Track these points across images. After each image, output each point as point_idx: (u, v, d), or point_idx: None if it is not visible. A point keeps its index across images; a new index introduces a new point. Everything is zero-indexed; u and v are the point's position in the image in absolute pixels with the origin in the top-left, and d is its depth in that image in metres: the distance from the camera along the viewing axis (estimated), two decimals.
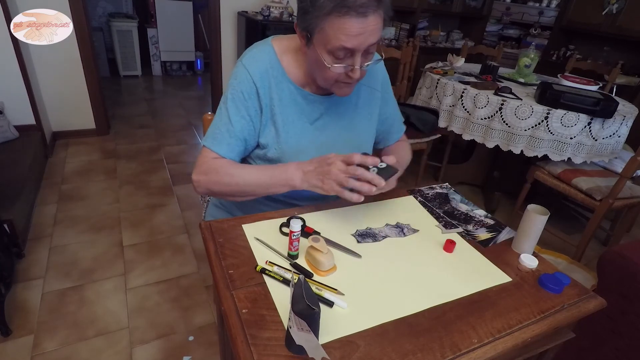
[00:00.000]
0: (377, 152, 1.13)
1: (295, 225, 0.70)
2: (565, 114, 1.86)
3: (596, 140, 1.92)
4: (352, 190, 0.77)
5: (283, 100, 0.89)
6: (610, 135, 1.96)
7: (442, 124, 2.25)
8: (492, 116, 2.02)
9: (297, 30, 0.82)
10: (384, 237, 0.83)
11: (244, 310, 0.61)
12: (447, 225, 0.90)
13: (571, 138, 1.90)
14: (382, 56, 0.86)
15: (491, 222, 0.93)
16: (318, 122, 0.93)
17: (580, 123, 1.87)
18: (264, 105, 0.88)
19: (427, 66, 2.59)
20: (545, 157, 1.99)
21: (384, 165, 0.80)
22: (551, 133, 1.91)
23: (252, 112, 0.88)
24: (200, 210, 1.25)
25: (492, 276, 0.75)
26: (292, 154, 0.90)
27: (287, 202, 0.96)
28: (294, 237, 0.71)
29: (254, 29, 2.97)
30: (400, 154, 1.06)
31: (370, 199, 0.97)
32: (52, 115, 2.81)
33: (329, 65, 0.77)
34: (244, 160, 0.96)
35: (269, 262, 0.72)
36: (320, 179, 0.79)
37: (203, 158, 0.88)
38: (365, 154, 0.78)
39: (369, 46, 0.76)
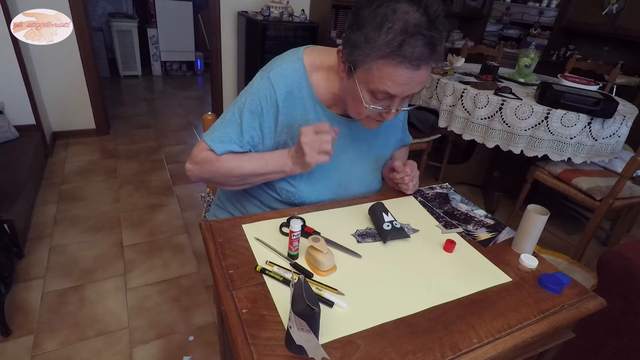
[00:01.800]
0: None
1: (295, 225, 0.70)
2: (565, 114, 1.86)
3: (596, 140, 1.92)
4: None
5: (309, 120, 0.87)
6: (610, 135, 1.96)
7: (442, 124, 2.25)
8: (492, 116, 2.02)
9: (339, 56, 0.79)
10: None
11: (244, 310, 0.61)
12: (447, 225, 0.90)
13: (571, 138, 1.90)
14: (415, 104, 0.88)
15: (491, 222, 0.93)
16: (339, 143, 0.91)
17: (580, 123, 1.87)
18: (281, 124, 0.85)
19: None
20: (545, 157, 1.99)
21: (398, 225, 0.82)
22: (551, 133, 1.91)
23: (265, 128, 0.86)
24: (200, 210, 1.25)
25: (492, 276, 0.75)
26: (312, 174, 0.89)
27: (287, 203, 0.97)
28: (294, 237, 0.71)
29: (254, 29, 2.97)
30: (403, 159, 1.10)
31: (370, 199, 0.97)
32: (52, 115, 2.82)
33: (366, 106, 0.76)
34: None
35: (269, 262, 0.72)
36: (301, 155, 0.79)
37: (198, 148, 0.87)
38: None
39: (410, 94, 0.76)
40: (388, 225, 0.81)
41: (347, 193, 0.97)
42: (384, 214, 0.83)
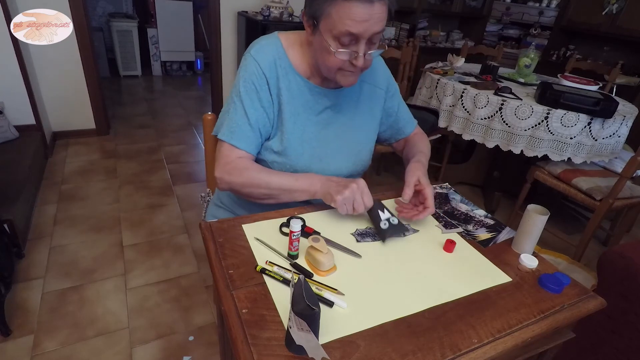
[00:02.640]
0: (397, 144, 1.15)
1: (295, 225, 0.70)
2: (565, 114, 1.86)
3: (596, 140, 1.92)
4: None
5: (291, 92, 0.90)
6: (610, 135, 1.96)
7: (442, 124, 2.25)
8: (492, 116, 2.02)
9: (304, 18, 0.84)
10: None
11: (244, 310, 0.61)
12: (447, 225, 0.90)
13: (571, 138, 1.90)
14: (386, 47, 0.88)
15: (491, 222, 0.93)
16: (322, 115, 0.94)
17: (580, 123, 1.87)
18: (273, 95, 0.89)
19: (427, 66, 2.59)
20: (545, 157, 1.99)
21: (395, 221, 0.82)
22: (551, 133, 1.91)
23: (265, 103, 0.89)
24: (200, 210, 1.25)
25: (492, 276, 0.75)
26: (297, 145, 0.91)
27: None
28: (294, 237, 0.71)
29: (254, 29, 2.97)
30: (419, 147, 1.07)
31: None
32: (52, 115, 2.82)
33: (334, 50, 0.78)
34: None
35: (269, 262, 0.72)
36: (338, 191, 0.81)
37: (226, 156, 0.87)
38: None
39: (373, 34, 0.78)
40: (385, 224, 0.81)
41: (336, 164, 0.96)
42: (380, 212, 0.82)
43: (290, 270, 0.70)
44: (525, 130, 1.94)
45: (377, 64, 1.02)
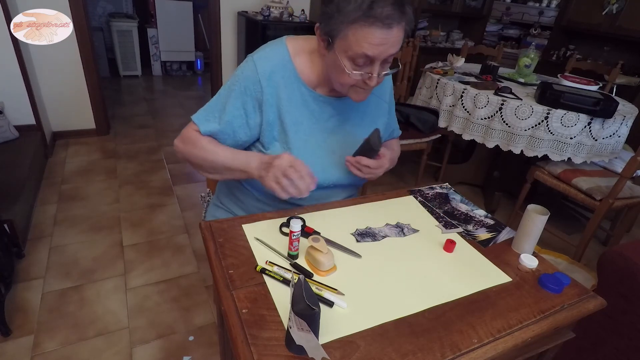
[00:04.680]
0: None
1: (295, 225, 0.70)
2: (565, 114, 1.86)
3: (596, 140, 1.92)
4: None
5: (293, 101, 0.90)
6: (610, 135, 1.96)
7: (442, 124, 2.25)
8: (492, 116, 2.02)
9: (317, 33, 0.83)
10: (384, 236, 0.83)
11: (244, 310, 0.61)
12: (447, 225, 0.90)
13: (571, 138, 1.90)
14: (399, 67, 0.88)
15: (491, 222, 0.93)
16: (327, 123, 0.94)
17: (580, 123, 1.87)
18: (266, 105, 0.88)
19: (427, 66, 2.59)
20: (545, 157, 1.99)
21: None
22: (551, 133, 1.91)
23: (249, 107, 0.89)
24: (200, 210, 1.25)
25: (492, 276, 0.75)
26: (299, 153, 0.90)
27: (291, 203, 0.97)
28: (294, 237, 0.71)
29: (254, 29, 2.97)
30: (393, 147, 1.11)
31: (370, 199, 0.97)
32: (52, 115, 2.81)
33: (349, 72, 0.79)
34: None
35: (269, 262, 0.72)
36: (264, 169, 0.80)
37: (187, 130, 0.91)
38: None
39: (388, 56, 0.78)
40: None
41: (338, 174, 0.96)
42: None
43: (290, 270, 0.71)
44: (525, 130, 1.94)
45: (386, 78, 1.02)
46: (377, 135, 0.87)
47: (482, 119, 2.05)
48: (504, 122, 1.98)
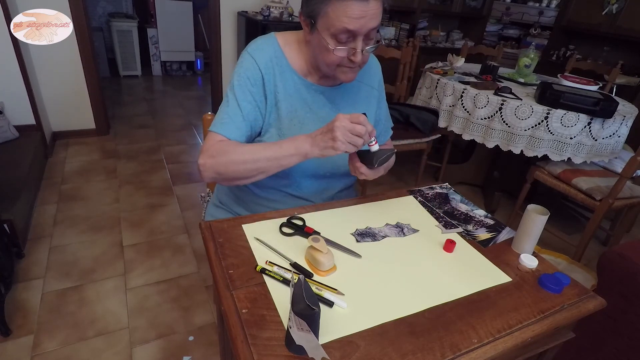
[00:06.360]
0: None
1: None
2: (565, 114, 1.86)
3: (596, 140, 1.92)
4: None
5: (287, 90, 0.91)
6: (610, 135, 1.96)
7: (442, 124, 2.25)
8: (492, 116, 2.02)
9: (301, 18, 0.86)
10: (384, 236, 0.83)
11: (244, 310, 0.61)
12: (447, 225, 0.90)
13: (571, 138, 1.90)
14: (381, 42, 0.89)
15: (491, 222, 0.93)
16: (321, 112, 0.95)
17: (580, 123, 1.87)
18: (268, 92, 0.90)
19: (427, 66, 2.59)
20: (545, 157, 1.99)
21: (376, 148, 0.83)
22: (551, 133, 1.91)
23: (258, 97, 0.90)
24: (200, 210, 1.25)
25: (492, 276, 0.75)
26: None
27: (290, 195, 0.97)
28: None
29: (254, 29, 2.97)
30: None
31: (370, 199, 0.97)
32: (52, 115, 2.81)
33: (332, 48, 0.80)
34: None
35: (269, 262, 0.72)
36: (330, 138, 0.77)
37: (209, 142, 0.86)
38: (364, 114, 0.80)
39: (369, 30, 0.80)
40: (375, 147, 0.82)
41: (332, 161, 0.95)
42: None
43: (290, 270, 0.71)
44: (525, 130, 1.94)
45: (372, 63, 1.04)
46: (383, 155, 0.84)
47: (482, 119, 2.05)
48: (504, 122, 1.98)
